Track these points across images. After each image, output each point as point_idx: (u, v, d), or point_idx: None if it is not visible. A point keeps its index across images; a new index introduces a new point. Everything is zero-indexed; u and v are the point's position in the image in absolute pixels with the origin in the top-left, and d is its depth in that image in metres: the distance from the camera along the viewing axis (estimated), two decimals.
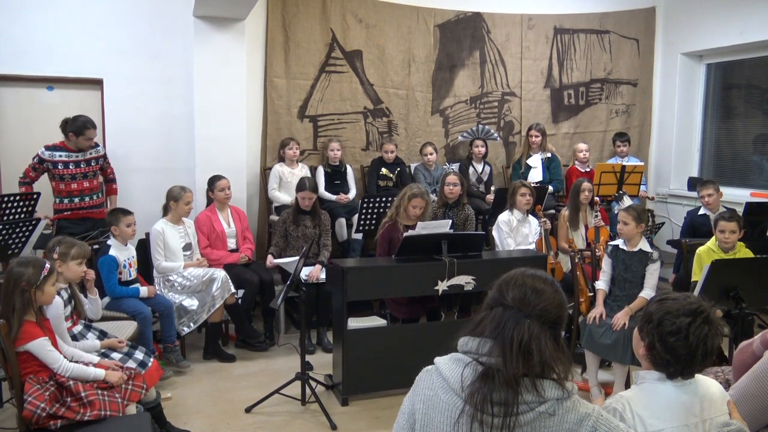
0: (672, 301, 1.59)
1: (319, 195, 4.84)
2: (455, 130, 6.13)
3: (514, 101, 6.31)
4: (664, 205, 6.50)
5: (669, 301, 1.60)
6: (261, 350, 4.41)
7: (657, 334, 1.57)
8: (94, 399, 2.51)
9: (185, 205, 4.28)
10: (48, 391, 2.49)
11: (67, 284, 3.14)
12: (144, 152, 5.13)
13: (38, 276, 2.55)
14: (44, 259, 2.74)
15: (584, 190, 4.68)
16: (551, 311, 1.36)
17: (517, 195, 4.61)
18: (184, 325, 4.13)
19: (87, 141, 4.45)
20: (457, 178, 4.75)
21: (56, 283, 2.66)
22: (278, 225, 4.63)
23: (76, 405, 2.49)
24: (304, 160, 5.54)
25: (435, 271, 3.62)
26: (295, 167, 5.28)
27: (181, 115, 5.14)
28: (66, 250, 3.11)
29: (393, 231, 4.18)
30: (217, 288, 4.15)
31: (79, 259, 3.16)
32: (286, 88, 5.49)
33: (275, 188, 5.18)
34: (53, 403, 2.47)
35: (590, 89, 6.58)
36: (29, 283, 2.52)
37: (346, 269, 3.51)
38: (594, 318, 3.64)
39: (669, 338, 1.55)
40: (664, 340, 1.56)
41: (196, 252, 4.43)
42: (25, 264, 2.56)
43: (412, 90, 5.92)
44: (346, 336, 3.57)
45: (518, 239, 4.62)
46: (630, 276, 3.65)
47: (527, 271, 1.43)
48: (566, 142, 6.50)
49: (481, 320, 1.39)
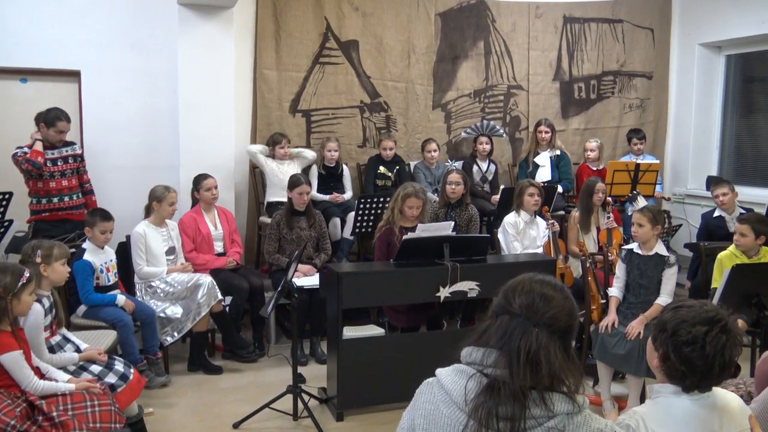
0: (687, 309, 1.59)
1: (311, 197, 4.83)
2: (458, 126, 6.13)
3: (520, 95, 6.32)
4: (681, 205, 6.51)
5: (684, 309, 1.60)
6: (250, 361, 4.40)
7: (671, 344, 1.57)
8: (66, 419, 2.52)
9: (169, 206, 4.28)
10: (20, 407, 2.49)
11: (50, 291, 3.14)
12: (124, 149, 5.12)
13: (16, 283, 2.54)
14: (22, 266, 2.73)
15: (598, 191, 4.69)
16: (561, 319, 1.36)
17: (524, 195, 4.62)
18: (168, 335, 4.12)
19: (58, 134, 4.38)
20: (459, 176, 4.75)
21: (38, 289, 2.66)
22: (271, 228, 4.63)
23: (48, 425, 2.49)
24: None
25: (436, 277, 3.62)
26: (284, 163, 5.25)
27: (165, 109, 5.13)
28: (48, 251, 3.12)
29: (390, 235, 4.18)
30: (203, 295, 4.14)
31: (63, 259, 3.16)
32: (277, 80, 5.49)
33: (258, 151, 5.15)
34: (24, 420, 2.47)
35: (602, 82, 6.59)
36: (6, 290, 2.52)
37: (342, 275, 3.50)
38: (606, 327, 3.64)
39: (684, 348, 1.55)
40: (679, 350, 1.56)
41: (180, 256, 4.42)
42: (3, 270, 2.56)
43: (412, 83, 5.93)
44: (342, 346, 3.56)
45: (525, 242, 4.63)
46: (645, 282, 3.65)
47: (535, 276, 1.43)
48: (576, 138, 6.50)
49: (486, 329, 1.39)
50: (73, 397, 2.67)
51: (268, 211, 5.11)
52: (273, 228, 4.61)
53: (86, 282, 3.79)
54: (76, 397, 2.68)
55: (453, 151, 6.15)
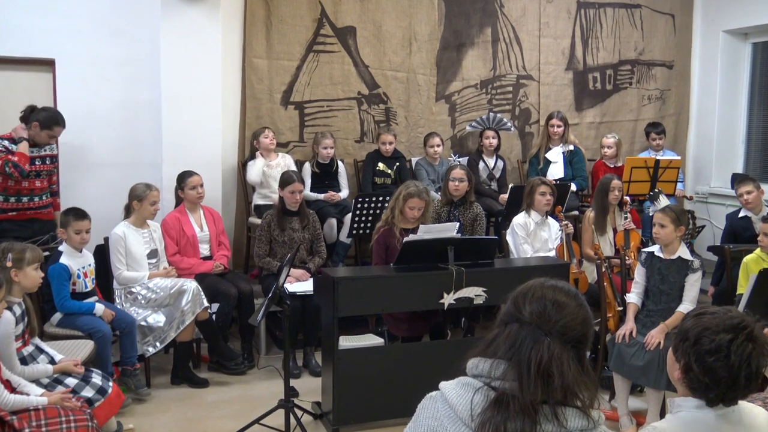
0: (711, 316, 1.60)
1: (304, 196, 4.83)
2: (463, 119, 6.13)
3: (531, 86, 6.33)
4: (704, 205, 6.51)
5: (707, 316, 1.60)
6: (238, 374, 4.40)
7: (694, 353, 1.57)
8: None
9: (150, 206, 4.27)
10: None
11: (22, 297, 3.13)
12: (103, 144, 5.12)
13: None
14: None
15: (614, 189, 4.69)
16: (575, 328, 1.36)
17: (535, 194, 4.62)
18: (149, 345, 4.12)
19: (50, 138, 4.46)
20: (463, 172, 4.75)
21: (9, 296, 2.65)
22: (261, 229, 4.62)
23: None
24: (288, 152, 5.52)
25: (440, 282, 3.61)
26: (274, 158, 5.24)
27: (146, 101, 5.13)
28: (20, 255, 3.11)
29: (389, 237, 4.18)
30: (188, 301, 4.14)
31: (36, 263, 3.16)
32: (267, 70, 5.49)
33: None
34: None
35: (619, 72, 6.59)
36: None
37: (338, 280, 3.50)
38: (624, 336, 3.64)
39: (707, 358, 1.55)
40: (702, 360, 1.56)
41: (163, 260, 4.41)
42: None
43: (414, 72, 5.93)
44: (337, 357, 3.56)
45: (536, 245, 4.63)
46: (666, 287, 3.65)
47: (547, 281, 1.43)
48: (591, 132, 6.51)
49: (494, 339, 1.39)
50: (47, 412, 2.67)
51: (257, 212, 5.11)
52: (263, 229, 4.61)
53: (62, 288, 3.78)
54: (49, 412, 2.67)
55: (457, 146, 6.15)
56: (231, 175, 5.43)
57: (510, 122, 5.97)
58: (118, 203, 4.41)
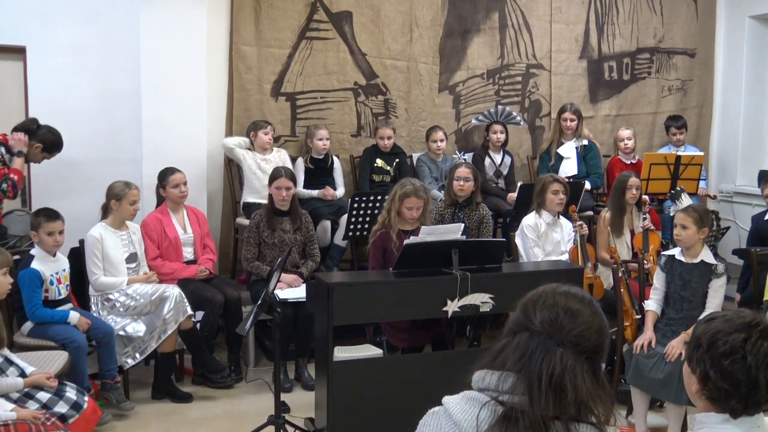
0: (722, 319, 1.63)
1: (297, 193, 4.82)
2: (468, 112, 6.13)
3: (541, 75, 6.33)
4: (729, 205, 6.52)
5: (718, 320, 1.63)
6: (225, 387, 4.40)
7: (709, 359, 1.59)
8: None
9: (129, 206, 4.27)
10: None
11: None
12: (77, 139, 5.10)
13: None
14: None
15: (631, 187, 4.70)
16: (589, 338, 1.36)
17: (547, 192, 4.62)
18: (128, 356, 4.12)
19: (43, 159, 4.59)
20: (469, 171, 4.75)
21: None
22: (249, 231, 4.62)
23: None
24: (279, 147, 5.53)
25: (443, 288, 3.61)
26: (269, 153, 5.26)
27: (125, 92, 5.13)
28: None
29: (386, 240, 4.18)
30: (170, 309, 4.13)
31: (4, 267, 3.15)
32: (256, 58, 5.49)
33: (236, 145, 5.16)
34: None
35: (637, 61, 6.60)
36: None
37: (332, 286, 3.50)
38: (642, 347, 3.65)
39: (723, 361, 1.57)
40: (718, 365, 1.57)
41: (143, 264, 4.42)
42: None
43: (415, 61, 5.93)
44: (332, 369, 3.56)
45: (547, 247, 4.63)
46: (688, 294, 3.66)
47: (559, 287, 1.43)
48: (607, 126, 6.51)
49: (502, 349, 1.40)
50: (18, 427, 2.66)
51: (246, 212, 5.11)
52: (251, 231, 4.61)
53: (34, 294, 3.78)
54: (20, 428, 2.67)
55: (462, 141, 6.15)
56: (217, 172, 5.43)
57: (519, 115, 5.97)
58: (95, 203, 4.40)
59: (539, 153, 6.09)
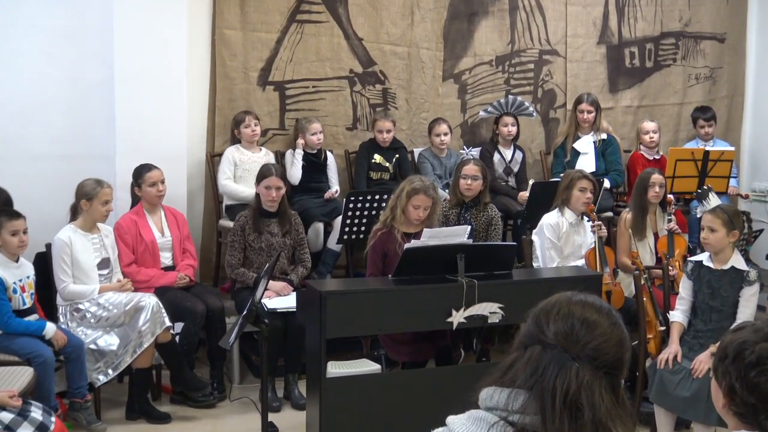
0: (750, 328, 1.64)
1: None
2: (475, 103, 6.14)
3: (556, 63, 6.34)
4: (763, 205, 6.52)
5: (746, 329, 1.64)
6: (207, 406, 4.39)
7: (735, 371, 1.60)
8: None
9: (101, 206, 4.27)
10: None
11: None
12: (44, 133, 5.10)
13: None
14: None
15: (654, 186, 4.70)
16: (608, 351, 1.37)
17: (574, 189, 4.61)
18: (100, 373, 4.11)
19: None
20: (478, 168, 4.76)
21: None
22: (233, 234, 4.62)
23: None
24: (266, 143, 5.53)
25: (448, 297, 3.62)
26: (257, 151, 5.27)
27: (97, 81, 5.12)
28: None
29: (388, 242, 4.18)
30: (146, 320, 4.13)
31: None
32: (242, 43, 5.49)
33: (229, 177, 5.17)
34: None
35: (661, 46, 6.61)
36: None
37: (325, 294, 3.50)
38: (667, 361, 3.65)
39: (750, 373, 1.58)
40: (745, 377, 1.58)
41: (117, 271, 4.41)
42: None
43: (416, 47, 5.94)
44: (325, 387, 3.56)
45: (567, 249, 4.63)
46: (718, 304, 3.66)
47: (575, 296, 1.43)
48: (628, 118, 6.52)
49: (512, 364, 1.40)
50: None
51: (230, 213, 5.11)
52: (236, 234, 4.61)
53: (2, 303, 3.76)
54: None
55: (469, 134, 6.15)
56: (198, 169, 5.43)
57: (531, 106, 5.98)
58: (63, 203, 4.40)
59: (553, 148, 6.09)
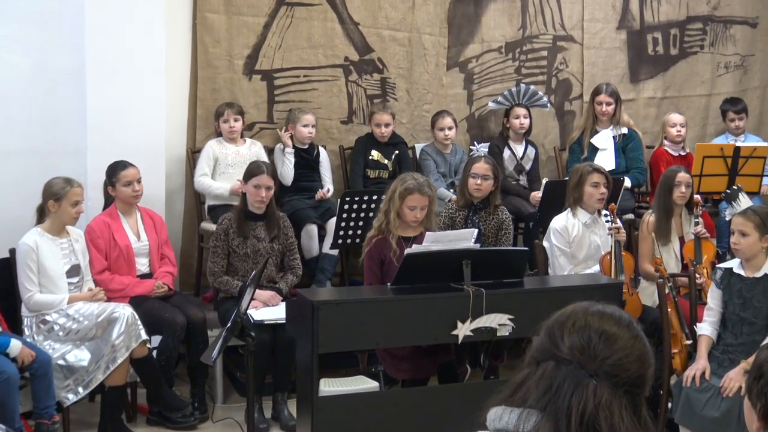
0: None
1: None
2: (483, 94, 6.14)
3: (572, 50, 6.34)
4: None
5: None
6: (187, 428, 4.39)
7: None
8: None
9: (71, 207, 4.26)
10: None
11: None
12: (7, 126, 5.09)
13: None
14: None
15: (680, 185, 4.70)
16: (628, 367, 1.36)
17: (585, 185, 4.60)
18: (70, 391, 4.10)
19: None
20: (489, 167, 4.75)
21: None
22: (216, 239, 4.61)
23: None
24: (253, 137, 5.53)
25: (452, 308, 3.61)
26: (241, 144, 5.26)
27: (67, 70, 5.11)
28: None
29: (383, 249, 4.18)
30: (120, 333, 4.13)
31: None
32: (226, 28, 5.49)
33: (206, 174, 5.17)
34: None
35: (687, 32, 6.61)
36: None
37: (318, 305, 3.50)
38: (694, 378, 3.64)
39: None
40: None
41: (88, 278, 4.41)
42: None
43: (418, 32, 5.94)
44: (318, 406, 3.55)
45: (581, 254, 4.62)
46: (750, 315, 3.66)
47: (592, 306, 1.43)
48: (651, 111, 6.52)
49: (523, 382, 1.40)
50: None
51: (213, 215, 5.11)
52: (219, 239, 4.60)
53: None
54: None
55: (476, 129, 6.16)
56: (178, 167, 5.43)
57: (545, 97, 5.98)
58: (29, 204, 4.40)
59: (569, 144, 6.10)
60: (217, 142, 5.25)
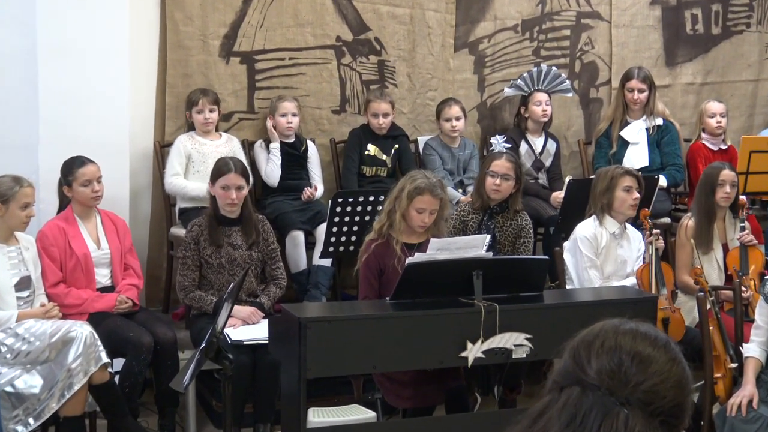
0: None
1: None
2: (496, 79, 6.16)
3: (598, 28, 6.36)
4: None
5: None
6: None
7: None
8: None
9: (20, 210, 4.26)
10: None
11: None
12: None
13: None
14: None
15: (723, 185, 4.71)
16: (665, 395, 1.37)
17: (616, 189, 4.60)
18: (19, 422, 4.10)
19: None
20: (510, 165, 4.74)
21: None
22: (186, 248, 4.60)
23: None
24: (231, 130, 5.53)
25: (461, 326, 3.62)
26: (217, 138, 5.28)
27: (16, 54, 5.12)
28: None
29: (385, 256, 4.18)
30: (77, 356, 4.12)
31: None
32: (199, 3, 5.49)
33: (178, 173, 5.18)
34: None
35: (730, 9, 6.63)
36: None
37: (306, 322, 3.50)
38: (740, 406, 3.65)
39: None
40: None
41: (40, 292, 4.41)
42: None
43: (421, 8, 5.95)
44: None
45: (608, 268, 4.63)
46: None
47: (623, 324, 1.44)
48: (689, 99, 6.54)
49: (544, 410, 1.40)
50: None
51: (185, 219, 5.11)
52: (188, 248, 4.59)
53: None
54: None
55: (488, 119, 6.17)
56: (144, 164, 5.43)
57: (568, 81, 5.99)
58: None
59: (595, 136, 6.11)
60: (189, 137, 5.25)
